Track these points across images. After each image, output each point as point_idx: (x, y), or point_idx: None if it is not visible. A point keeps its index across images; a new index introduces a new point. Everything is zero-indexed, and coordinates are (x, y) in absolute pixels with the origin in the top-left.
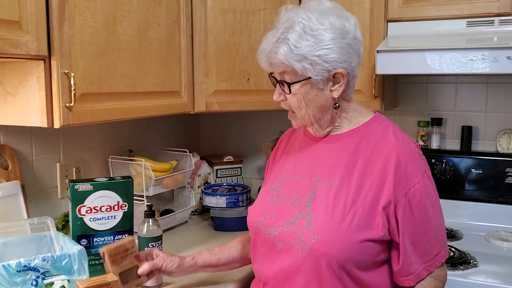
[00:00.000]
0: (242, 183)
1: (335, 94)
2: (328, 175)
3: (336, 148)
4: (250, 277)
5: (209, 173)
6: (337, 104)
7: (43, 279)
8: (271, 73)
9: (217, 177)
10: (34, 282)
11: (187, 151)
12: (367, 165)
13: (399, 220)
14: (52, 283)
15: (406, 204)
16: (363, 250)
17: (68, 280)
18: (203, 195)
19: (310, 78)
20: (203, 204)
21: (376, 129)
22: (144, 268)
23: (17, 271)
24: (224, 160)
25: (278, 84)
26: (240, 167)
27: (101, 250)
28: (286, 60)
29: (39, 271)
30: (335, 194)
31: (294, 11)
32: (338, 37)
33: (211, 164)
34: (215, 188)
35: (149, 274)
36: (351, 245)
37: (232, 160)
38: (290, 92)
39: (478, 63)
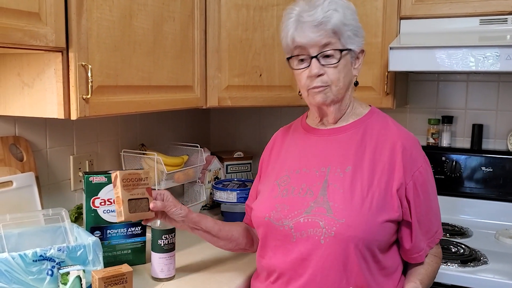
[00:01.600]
0: (252, 179)
1: (356, 72)
2: (339, 164)
3: (342, 139)
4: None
5: (219, 169)
6: (357, 81)
7: (59, 269)
8: (292, 56)
9: (227, 173)
10: (50, 272)
11: (198, 146)
12: (375, 152)
13: (410, 200)
14: (67, 273)
15: (414, 186)
16: (385, 230)
17: (84, 270)
18: (214, 190)
19: (351, 49)
20: (214, 198)
21: (376, 120)
22: (157, 204)
23: (33, 260)
24: (234, 156)
25: (314, 59)
26: (250, 163)
27: (114, 172)
28: (338, 27)
29: (55, 261)
30: (350, 181)
31: None
32: (358, 20)
33: (221, 160)
34: (225, 183)
35: (157, 213)
36: (375, 226)
37: (242, 156)
38: (339, 61)
39: (490, 61)
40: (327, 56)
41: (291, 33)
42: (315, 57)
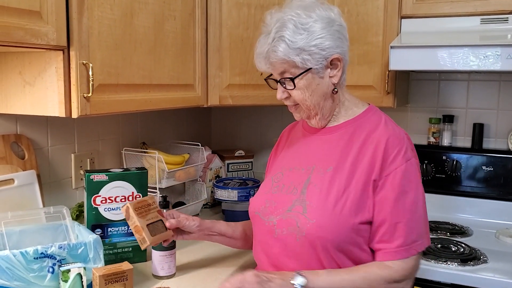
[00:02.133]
0: (253, 178)
1: (335, 80)
2: (323, 164)
3: (332, 139)
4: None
5: (221, 167)
6: (336, 89)
7: (60, 266)
8: (268, 77)
9: (228, 171)
10: (51, 269)
11: (199, 144)
12: (359, 152)
13: (378, 197)
14: (68, 271)
15: (385, 184)
16: (359, 232)
17: (84, 268)
18: (215, 188)
19: (310, 68)
20: (215, 197)
21: (369, 119)
22: (172, 222)
23: (34, 258)
24: (236, 155)
25: (278, 83)
26: (251, 162)
27: (124, 206)
28: (286, 56)
29: (56, 259)
30: (329, 181)
31: (281, 12)
32: (327, 26)
33: (222, 158)
34: (226, 181)
35: (174, 231)
36: (345, 228)
37: (243, 154)
38: (295, 87)
39: (491, 60)
40: (287, 80)
41: (254, 60)
42: (279, 81)
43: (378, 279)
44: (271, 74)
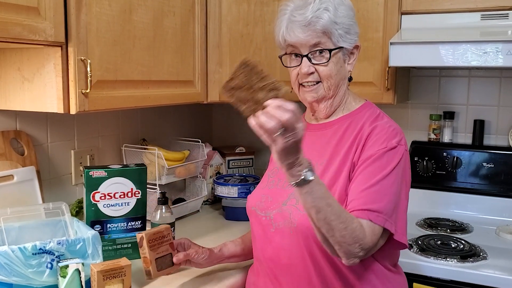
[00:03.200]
0: (254, 174)
1: (350, 68)
2: (318, 158)
3: (327, 134)
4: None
5: (221, 164)
6: (351, 77)
7: (58, 262)
8: (290, 53)
9: (229, 168)
10: (49, 265)
11: (200, 141)
12: (351, 146)
13: (356, 173)
14: (66, 266)
15: (360, 164)
16: None
17: (83, 264)
18: (215, 185)
19: (342, 47)
20: (215, 194)
21: (365, 115)
22: (179, 257)
23: (32, 253)
24: (236, 151)
25: (305, 58)
26: (252, 159)
27: (140, 234)
28: (327, 27)
29: (54, 254)
30: (321, 173)
31: None
32: (353, 15)
33: (223, 155)
34: (227, 178)
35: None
36: None
37: (244, 151)
38: (329, 60)
39: (491, 56)
40: (319, 54)
41: (282, 32)
42: (306, 55)
43: (354, 230)
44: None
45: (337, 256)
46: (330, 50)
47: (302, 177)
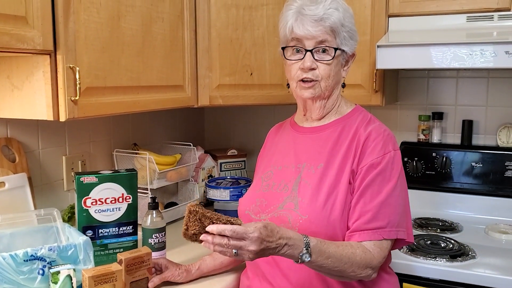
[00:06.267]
0: (246, 177)
1: (344, 74)
2: (314, 161)
3: (321, 137)
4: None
5: (213, 167)
6: (344, 84)
7: (50, 268)
8: (293, 46)
9: (221, 171)
10: (41, 271)
11: (191, 144)
12: (348, 150)
13: (356, 183)
14: (58, 272)
15: (361, 173)
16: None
17: (74, 269)
18: (207, 188)
19: (344, 50)
20: (207, 197)
21: (357, 118)
22: (154, 281)
23: (24, 260)
24: (228, 154)
25: (309, 53)
26: (244, 161)
27: (120, 256)
28: (336, 26)
29: (46, 261)
30: (320, 177)
31: None
32: (354, 24)
33: (215, 158)
34: (218, 181)
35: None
36: (337, 222)
37: (236, 153)
38: (332, 58)
39: (478, 58)
40: (322, 52)
41: (290, 24)
42: (310, 51)
43: (359, 262)
44: (287, 46)
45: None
46: (335, 49)
47: (300, 260)
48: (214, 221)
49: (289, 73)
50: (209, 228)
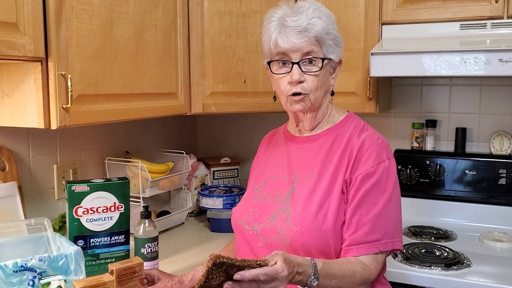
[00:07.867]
0: (239, 185)
1: (333, 82)
2: (306, 172)
3: (314, 147)
4: None
5: (206, 175)
6: (333, 91)
7: (40, 279)
8: (278, 60)
9: (214, 179)
10: (31, 282)
11: (184, 152)
12: (340, 159)
13: (350, 194)
14: (48, 283)
15: (356, 183)
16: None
17: (65, 280)
18: (200, 196)
19: (330, 59)
20: (200, 205)
21: (349, 126)
22: None
23: (13, 271)
24: (221, 162)
25: (296, 65)
26: (237, 169)
27: (111, 267)
28: (321, 35)
29: (36, 271)
30: (312, 188)
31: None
32: (337, 29)
33: (208, 166)
34: (211, 189)
35: None
36: (329, 233)
37: (229, 161)
38: (320, 69)
39: (471, 66)
40: (309, 63)
41: (274, 37)
42: (297, 63)
43: (359, 279)
44: (273, 60)
45: None
46: (322, 59)
47: (308, 285)
48: (241, 268)
49: (278, 87)
50: (239, 275)
